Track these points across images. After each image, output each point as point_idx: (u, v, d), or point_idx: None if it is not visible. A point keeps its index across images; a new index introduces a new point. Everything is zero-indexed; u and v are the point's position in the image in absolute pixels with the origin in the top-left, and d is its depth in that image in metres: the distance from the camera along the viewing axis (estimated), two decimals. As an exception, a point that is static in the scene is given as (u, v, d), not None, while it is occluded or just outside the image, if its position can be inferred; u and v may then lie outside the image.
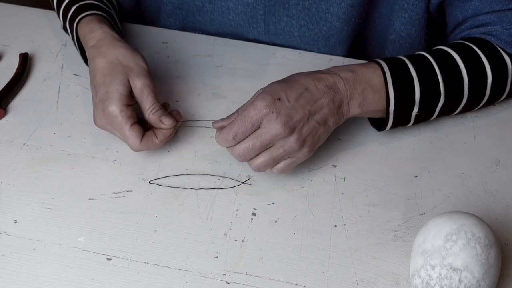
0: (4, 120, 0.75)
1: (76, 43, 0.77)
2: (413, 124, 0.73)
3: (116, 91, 0.67)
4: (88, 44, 0.72)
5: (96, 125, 0.69)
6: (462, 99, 0.72)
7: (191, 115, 0.76)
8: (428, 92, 0.69)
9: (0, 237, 0.63)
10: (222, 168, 0.70)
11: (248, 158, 0.65)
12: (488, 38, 0.74)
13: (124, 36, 0.83)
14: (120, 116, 0.66)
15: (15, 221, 0.64)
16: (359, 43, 0.89)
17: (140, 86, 0.68)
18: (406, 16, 0.81)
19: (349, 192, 0.69)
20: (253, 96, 0.67)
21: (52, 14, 0.88)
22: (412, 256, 0.59)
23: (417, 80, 0.69)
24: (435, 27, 0.85)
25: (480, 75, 0.72)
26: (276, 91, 0.64)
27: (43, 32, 0.87)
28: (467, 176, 0.71)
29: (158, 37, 0.87)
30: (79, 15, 0.75)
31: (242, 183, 0.69)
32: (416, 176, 0.71)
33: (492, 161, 0.73)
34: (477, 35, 0.76)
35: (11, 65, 0.81)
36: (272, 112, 0.63)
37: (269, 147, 0.64)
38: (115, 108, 0.66)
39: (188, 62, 0.83)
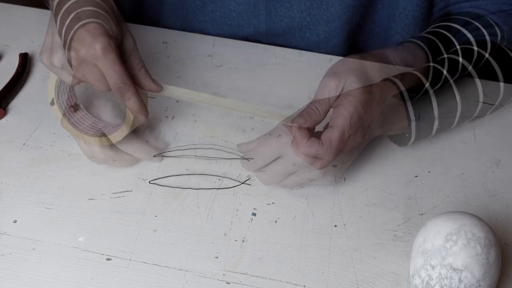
0: (4, 120, 0.75)
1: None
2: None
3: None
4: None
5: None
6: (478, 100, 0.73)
7: (191, 114, 0.76)
8: (446, 103, 0.70)
9: (0, 237, 0.63)
10: (222, 168, 0.70)
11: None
12: (478, 11, 0.75)
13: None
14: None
15: (15, 221, 0.64)
16: (359, 45, 0.89)
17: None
18: (410, 17, 0.81)
19: (349, 192, 0.69)
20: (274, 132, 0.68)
21: (52, 14, 0.87)
22: (412, 256, 0.59)
23: (433, 95, 0.69)
24: None
25: (487, 72, 0.72)
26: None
27: (43, 32, 0.87)
28: (467, 176, 0.71)
29: (158, 37, 0.87)
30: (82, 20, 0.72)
31: (242, 183, 0.69)
32: (416, 176, 0.71)
33: (492, 161, 0.73)
34: (468, 9, 0.77)
35: (11, 65, 0.81)
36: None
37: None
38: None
39: (188, 62, 0.83)
